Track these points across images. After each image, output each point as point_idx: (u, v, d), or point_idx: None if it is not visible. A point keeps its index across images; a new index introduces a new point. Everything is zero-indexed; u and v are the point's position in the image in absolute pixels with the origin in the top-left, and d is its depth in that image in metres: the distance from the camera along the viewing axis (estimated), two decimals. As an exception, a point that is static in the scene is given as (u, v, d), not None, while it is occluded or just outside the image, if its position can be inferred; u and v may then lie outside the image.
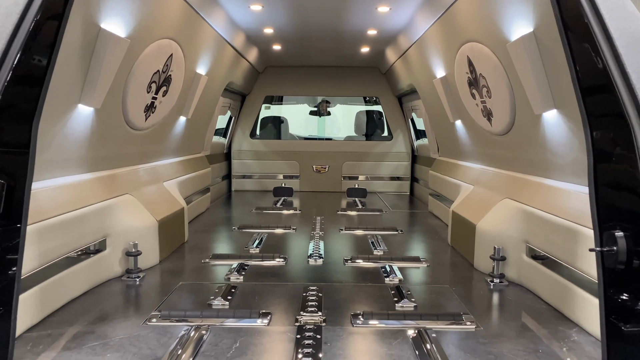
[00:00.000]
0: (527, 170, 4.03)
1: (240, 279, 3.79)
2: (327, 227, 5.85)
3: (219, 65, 6.16)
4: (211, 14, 4.93)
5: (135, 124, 4.26)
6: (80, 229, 3.34)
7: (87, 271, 3.48)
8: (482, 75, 4.20)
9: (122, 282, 3.73)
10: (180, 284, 3.69)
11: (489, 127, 4.51)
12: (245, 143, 9.16)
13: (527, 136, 3.80)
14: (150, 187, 4.66)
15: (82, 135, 3.45)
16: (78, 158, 3.52)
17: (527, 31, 3.13)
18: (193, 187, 6.27)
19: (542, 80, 3.17)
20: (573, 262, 3.01)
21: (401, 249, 4.90)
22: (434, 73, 5.63)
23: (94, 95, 3.29)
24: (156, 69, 4.21)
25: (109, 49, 3.20)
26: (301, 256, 4.50)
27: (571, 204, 3.15)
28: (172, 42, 4.33)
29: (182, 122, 5.59)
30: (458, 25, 4.34)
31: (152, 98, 4.38)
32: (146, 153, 4.82)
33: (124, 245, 3.87)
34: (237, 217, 6.67)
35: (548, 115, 3.32)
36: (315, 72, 9.14)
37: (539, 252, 3.53)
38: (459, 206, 4.99)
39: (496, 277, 3.80)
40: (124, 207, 3.96)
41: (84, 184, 3.56)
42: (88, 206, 3.48)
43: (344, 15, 5.43)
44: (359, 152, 9.23)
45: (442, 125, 6.26)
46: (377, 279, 3.85)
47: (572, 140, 3.13)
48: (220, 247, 5.04)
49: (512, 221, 3.86)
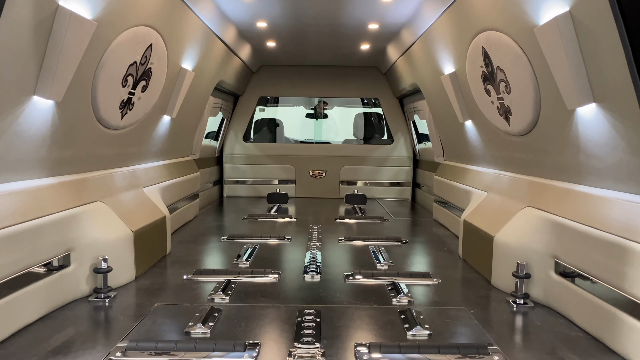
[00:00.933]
0: (552, 175, 3.56)
1: (225, 300, 3.29)
2: (325, 237, 5.36)
3: (208, 61, 5.68)
4: (197, 2, 4.45)
5: (109, 122, 3.77)
6: (35, 243, 2.83)
7: (46, 292, 2.97)
8: (500, 68, 3.73)
9: (88, 304, 3.22)
10: (156, 306, 3.18)
11: (506, 127, 4.04)
12: (238, 146, 8.67)
13: (553, 136, 3.33)
14: (127, 193, 4.16)
15: (41, 133, 2.95)
16: (36, 159, 3.02)
17: (561, 11, 2.66)
18: (179, 193, 5.76)
19: (579, 68, 2.69)
20: (620, 284, 2.53)
21: (407, 263, 4.41)
22: (442, 69, 5.16)
23: (53, 85, 2.79)
24: (132, 59, 3.72)
25: (69, 31, 2.71)
26: (296, 271, 4.00)
27: (614, 215, 2.67)
28: (152, 31, 3.85)
29: (166, 122, 5.09)
30: (472, 13, 3.87)
31: (129, 93, 3.89)
32: (124, 155, 4.32)
33: (92, 260, 3.36)
34: (228, 226, 6.17)
35: (583, 110, 2.85)
36: (312, 72, 8.68)
37: (569, 268, 3.05)
38: (472, 215, 4.51)
39: (520, 297, 3.32)
40: (94, 216, 3.46)
41: (43, 189, 3.05)
42: (47, 216, 2.98)
43: (343, 6, 4.97)
44: (357, 157, 8.75)
45: (449, 127, 5.79)
46: (383, 300, 3.35)
47: (614, 140, 2.66)
48: (206, 260, 4.54)
49: (536, 233, 3.38)
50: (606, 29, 2.35)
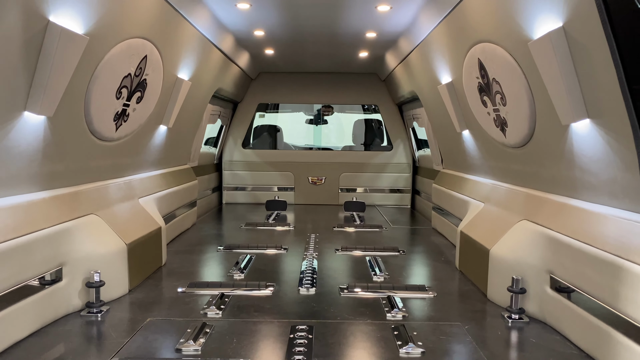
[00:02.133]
0: (549, 188, 3.53)
1: (218, 314, 3.26)
2: (322, 246, 5.34)
3: (205, 70, 5.67)
4: (192, 13, 4.44)
5: (103, 134, 3.76)
6: (26, 259, 2.82)
7: (37, 307, 2.95)
8: (496, 80, 3.71)
9: (80, 319, 3.20)
10: (149, 321, 3.16)
11: (502, 139, 4.01)
12: (237, 153, 8.66)
13: (549, 149, 3.30)
14: (121, 205, 4.14)
15: (32, 148, 2.94)
16: (28, 175, 3.01)
17: (555, 26, 2.64)
18: (176, 202, 5.75)
19: (572, 84, 2.67)
20: (614, 303, 2.50)
21: (404, 274, 4.38)
22: (439, 79, 5.14)
23: (44, 101, 2.78)
24: (127, 72, 3.71)
25: (60, 46, 2.70)
26: (291, 283, 3.97)
27: (609, 232, 2.64)
28: (146, 42, 3.84)
29: (162, 132, 5.08)
30: (468, 24, 3.85)
31: (124, 105, 3.87)
32: (118, 166, 4.31)
33: (85, 274, 3.34)
34: (225, 235, 6.15)
35: (578, 126, 2.82)
36: (312, 78, 8.67)
37: (564, 283, 3.02)
38: (468, 226, 4.48)
39: (515, 312, 3.29)
40: (87, 230, 3.44)
41: (35, 204, 3.04)
42: (39, 231, 2.96)
43: (340, 15, 4.96)
44: (357, 163, 8.73)
45: (447, 136, 5.77)
46: (377, 314, 3.33)
47: (609, 156, 2.63)
48: (201, 271, 4.52)
49: (532, 247, 3.35)
50: (599, 46, 2.32)
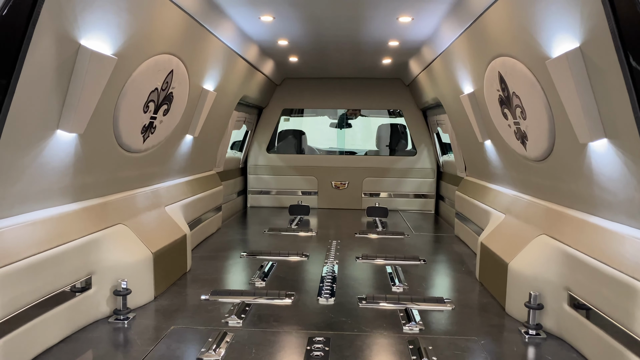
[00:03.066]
0: (569, 203, 3.51)
1: (239, 324, 3.37)
2: (343, 254, 5.40)
3: (230, 80, 5.80)
4: (218, 27, 4.56)
5: (131, 146, 3.91)
6: (58, 269, 2.97)
7: (68, 314, 3.11)
8: (516, 94, 3.71)
9: (108, 325, 3.35)
10: (172, 329, 3.29)
11: (523, 151, 4.00)
12: (262, 157, 8.79)
13: (568, 165, 3.29)
14: (148, 213, 4.30)
15: (64, 163, 3.10)
16: (60, 188, 3.17)
17: (572, 46, 2.64)
18: (202, 208, 5.90)
19: (590, 104, 2.67)
20: (629, 324, 2.49)
21: (423, 285, 4.41)
22: (461, 88, 5.14)
23: (75, 120, 2.93)
24: (154, 86, 3.85)
25: (90, 68, 2.84)
26: (311, 293, 4.06)
27: (626, 252, 2.63)
28: (172, 58, 3.97)
29: (188, 141, 5.23)
30: (488, 38, 3.86)
31: (151, 118, 4.02)
32: (146, 176, 4.46)
33: (113, 282, 3.50)
34: (249, 240, 6.27)
35: (596, 145, 2.82)
36: (336, 84, 8.73)
37: (581, 301, 3.02)
38: (489, 238, 4.48)
39: (532, 327, 3.29)
40: (115, 240, 3.60)
41: (66, 216, 3.20)
42: (70, 242, 3.12)
43: (361, 26, 5.01)
44: (380, 168, 8.75)
45: (470, 144, 5.76)
46: (394, 326, 3.38)
47: (626, 177, 2.62)
48: (224, 278, 4.65)
49: (550, 263, 3.35)
50: (614, 69, 2.33)
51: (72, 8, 2.56)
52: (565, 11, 2.60)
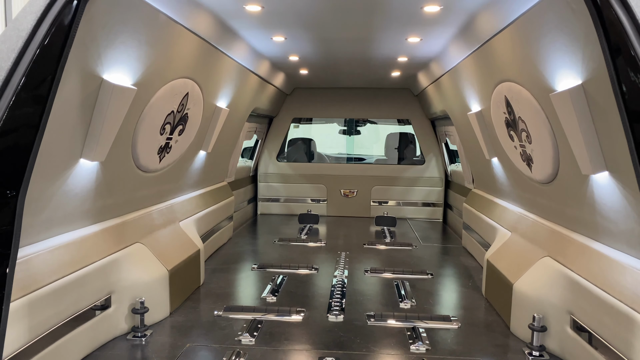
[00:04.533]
0: (573, 227, 3.60)
1: (252, 342, 3.50)
2: (352, 266, 5.52)
3: (242, 95, 5.94)
4: (232, 48, 4.69)
5: (148, 167, 4.06)
6: (80, 292, 3.12)
7: (89, 333, 3.26)
8: (522, 119, 3.80)
9: (126, 342, 3.50)
10: (188, 347, 3.43)
11: (529, 173, 4.10)
12: (272, 166, 8.93)
13: (572, 191, 3.39)
14: (164, 230, 4.44)
15: (86, 189, 3.25)
16: (82, 212, 3.32)
17: (575, 83, 2.74)
18: (214, 220, 6.05)
19: (592, 138, 2.77)
20: (628, 354, 2.59)
21: (430, 301, 4.51)
22: (469, 106, 5.24)
23: (97, 149, 3.07)
24: (170, 110, 4.00)
25: (112, 100, 2.98)
26: (321, 309, 4.18)
27: (626, 282, 2.73)
28: (188, 81, 4.11)
29: (201, 156, 5.38)
30: (495, 62, 3.95)
31: (167, 139, 4.16)
32: (161, 193, 4.61)
33: (131, 300, 3.64)
34: (259, 251, 6.41)
35: (598, 176, 2.91)
36: (345, 93, 8.85)
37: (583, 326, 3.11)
38: (495, 256, 4.57)
39: (535, 349, 3.39)
40: (133, 259, 3.74)
41: (87, 239, 3.35)
42: (91, 264, 3.27)
43: (371, 45, 5.12)
44: (389, 177, 8.85)
45: (478, 159, 5.85)
46: (401, 345, 3.50)
47: (627, 209, 2.72)
48: (237, 292, 4.79)
49: (553, 286, 3.45)
50: (614, 108, 2.42)
51: (96, 47, 2.70)
52: (569, 50, 2.69)
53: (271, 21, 4.18)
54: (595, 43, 2.36)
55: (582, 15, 2.39)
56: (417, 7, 3.64)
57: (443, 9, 3.65)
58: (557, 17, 2.67)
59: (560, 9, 2.60)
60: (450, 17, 3.88)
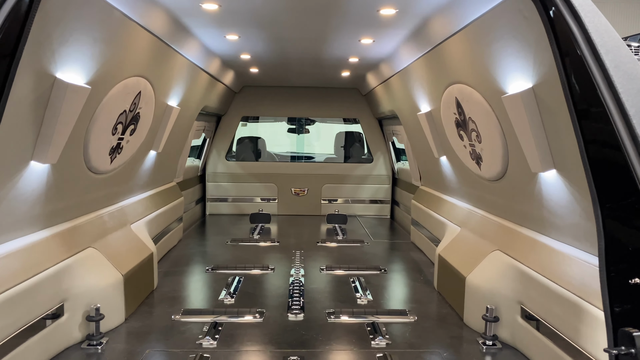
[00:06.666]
0: (520, 221, 3.81)
1: (213, 344, 3.46)
2: (307, 264, 5.56)
3: (192, 93, 5.82)
4: (184, 45, 4.60)
5: (100, 168, 3.90)
6: (31, 301, 2.97)
7: (41, 344, 3.10)
8: (472, 119, 3.98)
9: (81, 351, 3.36)
10: (148, 353, 3.35)
11: (478, 171, 4.29)
12: (221, 165, 8.81)
13: (520, 188, 3.58)
14: (116, 233, 4.29)
15: (36, 193, 3.09)
16: (32, 217, 3.15)
17: (526, 86, 2.91)
18: (165, 221, 5.90)
19: (541, 139, 2.94)
20: (576, 339, 2.79)
21: (386, 296, 4.63)
22: (418, 106, 5.40)
23: (49, 151, 2.93)
24: (122, 109, 3.87)
25: (65, 100, 2.85)
26: (280, 309, 4.19)
27: (573, 273, 2.93)
28: (141, 79, 3.99)
29: (152, 157, 5.23)
30: (447, 65, 4.11)
31: (119, 139, 4.03)
32: (112, 195, 4.45)
33: (85, 307, 3.50)
34: (211, 252, 6.31)
35: (546, 174, 3.10)
36: (294, 92, 8.86)
37: (533, 314, 3.31)
38: (446, 250, 4.76)
39: (489, 338, 3.57)
40: (85, 265, 3.59)
41: (38, 245, 3.18)
42: (43, 271, 3.11)
43: (324, 46, 5.17)
44: (338, 175, 8.97)
45: (426, 157, 6.04)
46: (362, 341, 3.57)
47: (573, 204, 2.91)
48: (192, 296, 4.70)
49: (504, 278, 3.64)
50: (563, 110, 2.59)
51: (49, 45, 2.58)
52: (520, 55, 2.85)
53: (226, 20, 4.13)
54: (546, 49, 2.51)
55: (534, 22, 2.53)
56: (373, 9, 3.72)
57: (398, 12, 3.75)
58: (510, 23, 2.81)
59: (513, 16, 2.74)
60: (405, 20, 3.98)
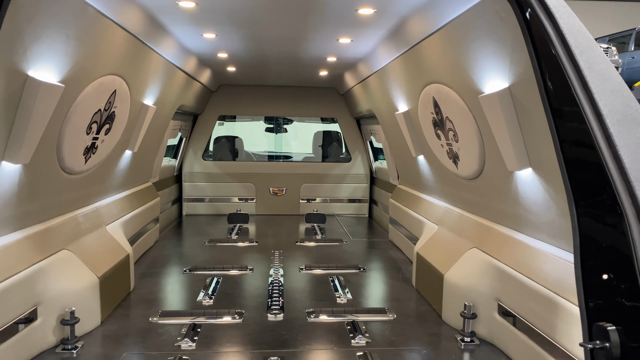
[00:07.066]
0: (497, 219, 3.87)
1: (192, 347, 3.42)
2: (287, 264, 5.55)
3: (168, 92, 5.74)
4: (160, 44, 4.53)
5: (74, 168, 3.82)
6: (3, 306, 2.88)
7: (14, 349, 3.02)
8: (449, 119, 4.02)
9: (56, 356, 3.29)
10: (125, 356, 3.29)
11: (455, 170, 4.34)
12: (198, 165, 8.71)
13: (497, 187, 3.64)
14: (91, 235, 4.20)
15: (8, 194, 3.00)
16: (3, 218, 3.06)
17: (502, 86, 2.95)
18: (141, 222, 5.81)
19: (517, 138, 2.99)
20: (552, 334, 2.84)
21: (365, 295, 4.65)
22: (396, 106, 5.44)
23: (21, 151, 2.85)
24: (97, 108, 3.79)
25: (38, 98, 2.78)
26: (259, 309, 4.17)
27: (548, 269, 2.98)
28: (116, 78, 3.92)
29: (127, 156, 5.14)
30: (424, 65, 4.14)
31: (93, 139, 3.94)
32: (87, 195, 4.36)
33: (59, 311, 3.42)
34: (189, 253, 6.24)
35: (522, 173, 3.16)
36: (271, 91, 8.82)
37: (510, 310, 3.37)
38: (424, 248, 4.80)
39: (467, 335, 3.62)
40: (60, 267, 3.51)
41: (10, 247, 3.09)
42: (15, 275, 3.03)
43: (302, 45, 5.16)
44: (317, 174, 8.96)
45: (404, 156, 6.09)
46: (342, 340, 3.58)
47: (548, 202, 2.97)
48: (170, 297, 4.64)
49: (482, 275, 3.69)
50: (539, 109, 2.64)
51: (22, 41, 2.51)
52: (496, 55, 2.89)
53: (204, 18, 4.08)
54: (522, 49, 2.56)
55: (510, 23, 2.57)
56: (351, 9, 3.73)
57: (377, 12, 3.77)
58: (487, 24, 2.85)
59: (490, 17, 2.78)
60: (382, 19, 4.00)
